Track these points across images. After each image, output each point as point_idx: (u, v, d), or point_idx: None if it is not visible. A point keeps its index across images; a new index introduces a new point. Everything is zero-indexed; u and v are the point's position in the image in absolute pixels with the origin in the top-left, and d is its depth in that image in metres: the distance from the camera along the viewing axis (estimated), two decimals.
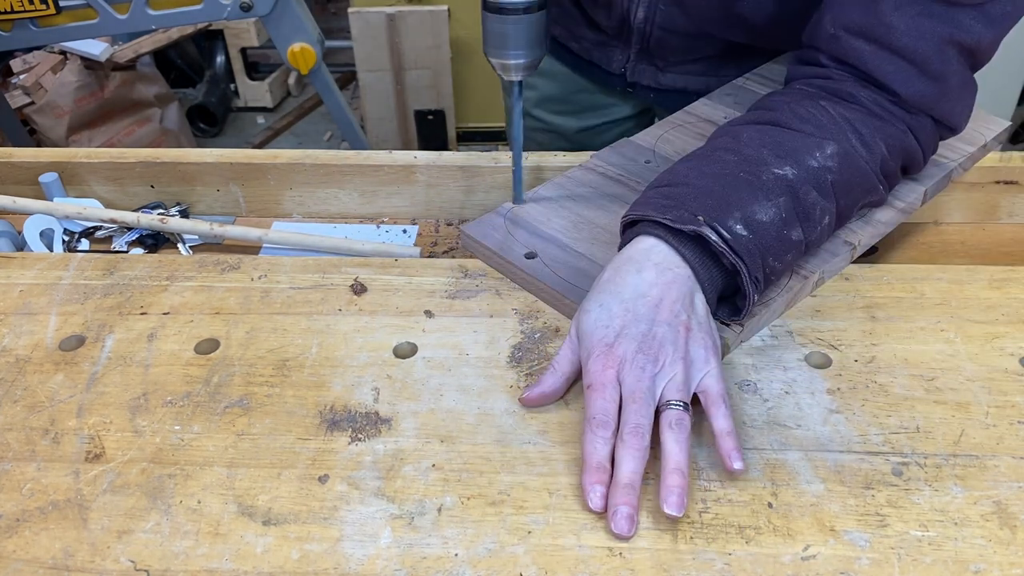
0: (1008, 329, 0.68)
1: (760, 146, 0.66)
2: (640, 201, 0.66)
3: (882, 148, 0.68)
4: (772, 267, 0.63)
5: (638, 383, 0.57)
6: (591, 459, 0.55)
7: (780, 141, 0.66)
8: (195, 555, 0.53)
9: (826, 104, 0.68)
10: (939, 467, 0.58)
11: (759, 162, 0.65)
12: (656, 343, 0.58)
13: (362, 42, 2.48)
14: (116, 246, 0.86)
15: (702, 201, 0.62)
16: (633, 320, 0.59)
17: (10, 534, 0.55)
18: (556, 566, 0.52)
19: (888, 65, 0.67)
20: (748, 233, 0.61)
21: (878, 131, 0.68)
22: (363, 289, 0.73)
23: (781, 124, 0.68)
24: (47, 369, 0.66)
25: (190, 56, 3.01)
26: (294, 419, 0.62)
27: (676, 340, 0.59)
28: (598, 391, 0.57)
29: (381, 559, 0.53)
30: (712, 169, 0.65)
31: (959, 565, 0.52)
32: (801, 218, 0.64)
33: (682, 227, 0.61)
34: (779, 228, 0.62)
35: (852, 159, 0.66)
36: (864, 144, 0.67)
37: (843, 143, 0.66)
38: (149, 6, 1.71)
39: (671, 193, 0.64)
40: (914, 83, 0.67)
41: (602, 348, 0.59)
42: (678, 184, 0.65)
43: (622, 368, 0.58)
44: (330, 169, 0.88)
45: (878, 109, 0.68)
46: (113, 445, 0.60)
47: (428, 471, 0.58)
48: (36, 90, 2.29)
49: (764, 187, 0.63)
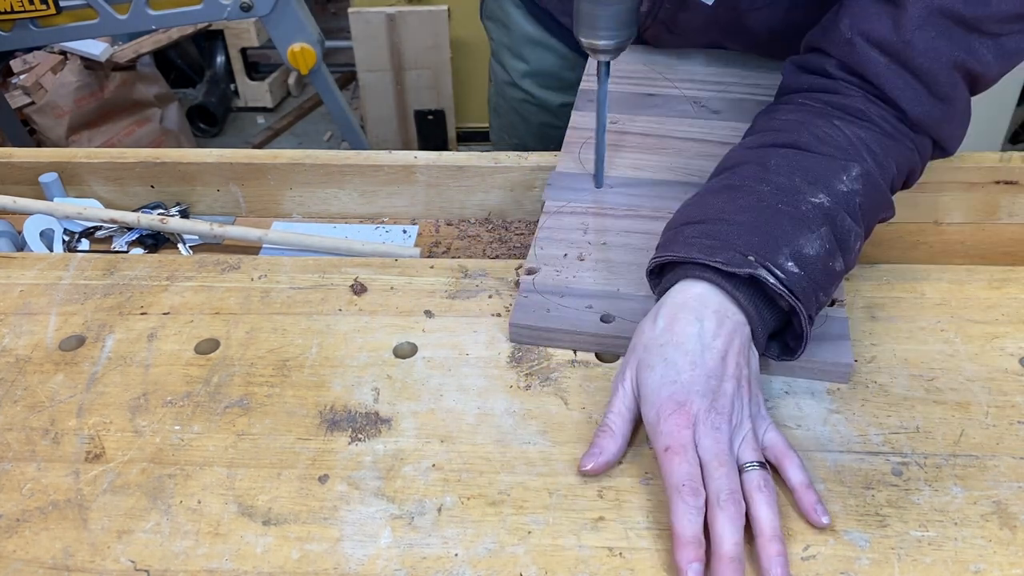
0: (1008, 329, 0.68)
1: (791, 173, 0.63)
2: (676, 240, 0.62)
3: (893, 167, 0.67)
4: (822, 302, 0.61)
5: (718, 445, 0.54)
6: (685, 532, 0.51)
7: (807, 167, 0.64)
8: (195, 555, 0.53)
9: (840, 124, 0.67)
10: (939, 467, 0.58)
11: (794, 191, 0.62)
12: (727, 400, 0.55)
13: (362, 42, 2.48)
14: (116, 246, 0.86)
15: (747, 239, 0.59)
16: (703, 375, 0.56)
17: (10, 534, 0.55)
18: (556, 566, 0.52)
19: (899, 81, 0.66)
20: (799, 270, 0.58)
21: (890, 151, 0.67)
22: (363, 289, 0.73)
23: (802, 147, 0.65)
24: (47, 369, 0.66)
25: (190, 56, 3.01)
26: (294, 419, 0.62)
27: (741, 395, 0.56)
28: (679, 454, 0.53)
29: (381, 559, 0.53)
30: (748, 202, 0.62)
31: (959, 565, 0.52)
32: (841, 247, 0.62)
33: (736, 271, 0.58)
34: (825, 261, 0.60)
35: (873, 179, 0.65)
36: (878, 164, 0.66)
37: (864, 164, 0.65)
38: (149, 6, 1.71)
39: (711, 231, 0.60)
40: (923, 102, 0.66)
41: (673, 406, 0.55)
42: (714, 220, 0.61)
43: (696, 428, 0.54)
44: (330, 169, 0.88)
45: (888, 128, 0.67)
46: (113, 445, 0.60)
47: (428, 471, 0.58)
48: (36, 90, 2.29)
49: (805, 218, 0.60)
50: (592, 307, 0.68)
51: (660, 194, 0.79)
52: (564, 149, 0.86)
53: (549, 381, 0.64)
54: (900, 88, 0.66)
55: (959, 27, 0.64)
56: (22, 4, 1.67)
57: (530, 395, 0.63)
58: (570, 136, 0.88)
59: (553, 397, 0.63)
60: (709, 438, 0.54)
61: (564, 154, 0.85)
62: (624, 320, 0.67)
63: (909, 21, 0.64)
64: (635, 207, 0.78)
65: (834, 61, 0.69)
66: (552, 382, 0.64)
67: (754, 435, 0.56)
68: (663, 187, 0.80)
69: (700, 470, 0.53)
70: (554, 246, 0.74)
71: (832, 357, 0.63)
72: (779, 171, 0.64)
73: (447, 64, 2.50)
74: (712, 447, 0.54)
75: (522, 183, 0.88)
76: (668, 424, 0.55)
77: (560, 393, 0.63)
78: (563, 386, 0.64)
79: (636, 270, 0.71)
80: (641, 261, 0.71)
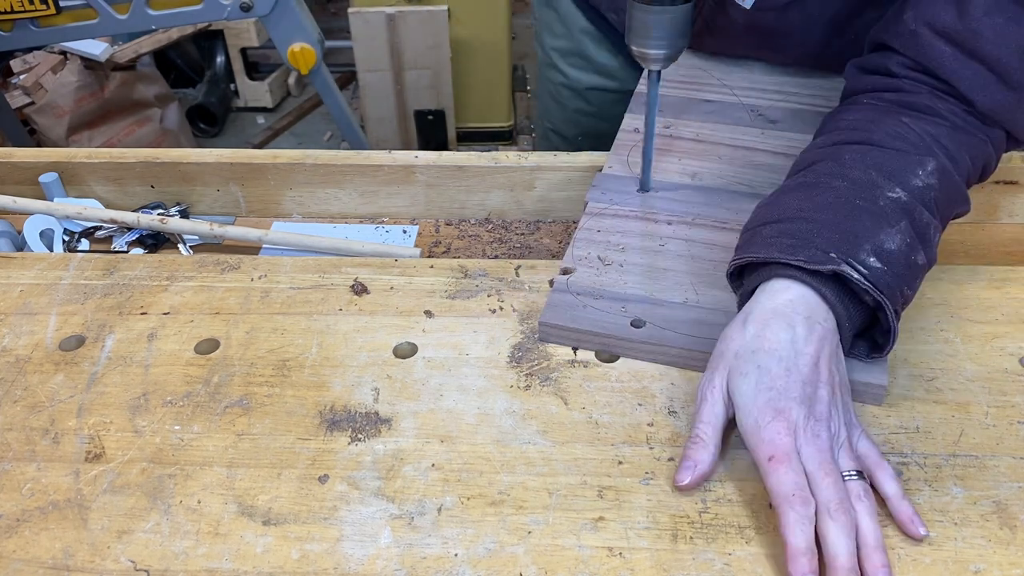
0: (1008, 329, 0.68)
1: (866, 168, 0.62)
2: (754, 241, 0.61)
3: (967, 161, 0.65)
4: (907, 296, 0.60)
5: (822, 453, 0.53)
6: (799, 543, 0.50)
7: (882, 162, 0.62)
8: (195, 555, 0.53)
9: (908, 120, 0.65)
10: (939, 467, 0.58)
11: (871, 185, 0.61)
12: (824, 406, 0.55)
13: (362, 42, 2.48)
14: (116, 246, 0.86)
15: (828, 236, 0.58)
16: (798, 382, 0.55)
17: (10, 534, 0.55)
18: (556, 566, 0.52)
19: (967, 71, 0.64)
20: (882, 265, 0.57)
21: (963, 145, 0.65)
22: (364, 290, 0.73)
23: (875, 143, 0.64)
24: (47, 369, 0.66)
25: (190, 56, 3.01)
26: (294, 419, 0.62)
27: (835, 402, 0.56)
28: (784, 463, 0.52)
29: (381, 559, 0.53)
30: (825, 199, 0.61)
31: (959, 565, 0.52)
32: (922, 240, 0.61)
33: (820, 268, 0.57)
34: (907, 255, 0.59)
35: (948, 174, 0.63)
36: (951, 159, 0.64)
37: (939, 159, 0.63)
38: (149, 6, 1.71)
39: (790, 230, 0.60)
40: (993, 92, 0.64)
41: (772, 413, 0.54)
42: (792, 219, 0.60)
43: (797, 435, 0.53)
44: (330, 169, 0.88)
45: (959, 121, 0.65)
46: (113, 445, 0.60)
47: (428, 471, 0.58)
48: (36, 90, 2.29)
49: (884, 213, 0.59)
50: (626, 310, 0.67)
51: (706, 201, 0.79)
52: (613, 151, 0.85)
53: (549, 381, 0.64)
54: (969, 79, 0.64)
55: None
56: (22, 4, 1.67)
57: (530, 395, 0.63)
58: (620, 138, 0.87)
59: (553, 397, 0.63)
60: (811, 446, 0.53)
61: (613, 156, 0.85)
62: (654, 326, 0.66)
63: (975, 8, 0.62)
64: (679, 213, 0.77)
65: (897, 58, 0.68)
66: (552, 382, 0.64)
67: (850, 443, 0.55)
68: (710, 193, 0.79)
69: (805, 478, 0.52)
70: (592, 247, 0.74)
71: (865, 377, 0.61)
72: (854, 166, 0.62)
73: (447, 64, 2.50)
74: (816, 455, 0.53)
75: (522, 183, 0.88)
76: (769, 432, 0.53)
77: (560, 393, 0.63)
78: (563, 386, 0.64)
79: (673, 276, 0.71)
80: (680, 268, 0.71)
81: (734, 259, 0.62)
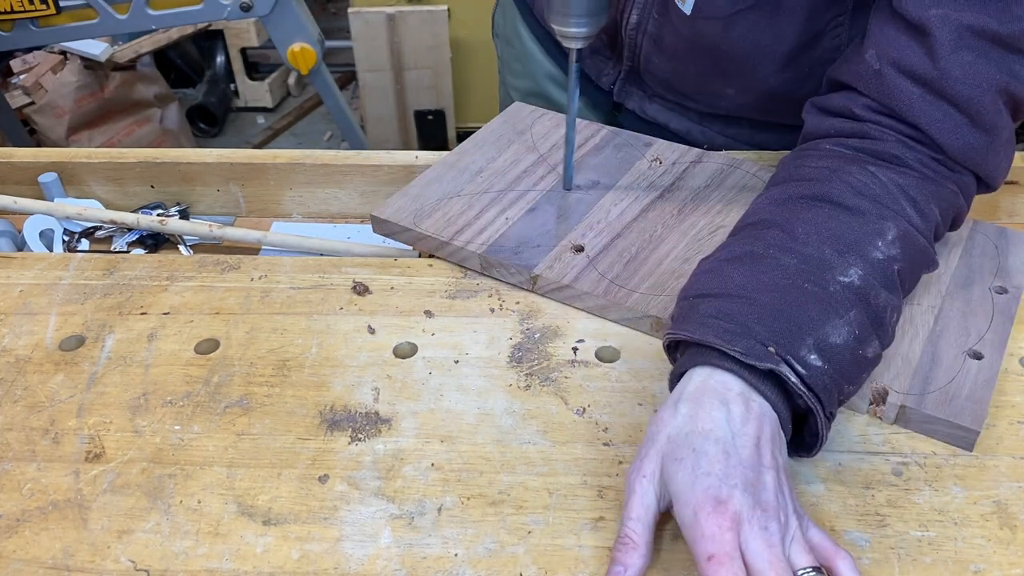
0: None
1: (820, 242, 0.58)
2: (691, 317, 0.56)
3: (936, 214, 0.62)
4: (847, 393, 0.55)
5: (770, 549, 0.47)
6: None
7: (839, 233, 0.58)
8: (195, 555, 0.53)
9: (874, 170, 0.61)
10: (939, 467, 0.58)
11: (822, 266, 0.57)
12: (770, 494, 0.49)
13: (362, 42, 2.48)
14: (116, 246, 0.86)
15: (769, 324, 0.53)
16: (739, 466, 0.49)
17: (10, 534, 0.55)
18: (556, 566, 0.52)
19: (937, 112, 0.61)
20: (823, 363, 0.53)
21: (932, 196, 0.62)
22: (366, 290, 0.73)
23: (834, 200, 0.60)
24: (47, 369, 0.66)
25: (190, 56, 3.01)
26: (294, 419, 0.62)
27: (782, 488, 0.50)
28: (725, 564, 0.46)
29: (381, 559, 0.53)
30: (772, 278, 0.56)
31: (959, 565, 0.52)
32: (875, 328, 0.56)
33: (756, 364, 0.52)
34: (853, 349, 0.54)
35: (912, 239, 0.60)
36: (919, 212, 0.61)
37: (901, 222, 0.60)
38: (149, 6, 1.71)
39: (730, 311, 0.55)
40: (964, 135, 0.61)
41: (711, 504, 0.48)
42: (734, 297, 0.56)
43: (741, 529, 0.48)
44: (330, 169, 0.88)
45: (928, 171, 0.62)
46: (113, 445, 0.60)
47: (428, 471, 0.58)
48: (36, 90, 2.29)
49: (833, 301, 0.55)
50: None
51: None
52: None
53: (549, 381, 0.64)
54: (939, 121, 0.61)
55: (997, 47, 0.59)
56: (22, 4, 1.67)
57: (530, 395, 0.63)
58: None
59: (553, 397, 0.63)
60: (758, 540, 0.47)
61: None
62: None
63: (941, 46, 0.59)
64: None
65: (861, 99, 0.64)
66: (552, 382, 0.64)
67: (802, 535, 0.49)
68: None
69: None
70: None
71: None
72: (807, 240, 0.58)
73: (447, 64, 2.50)
74: (764, 552, 0.47)
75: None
76: (709, 526, 0.48)
77: (560, 393, 0.63)
78: (563, 386, 0.64)
79: None
80: None
81: (669, 332, 0.58)
